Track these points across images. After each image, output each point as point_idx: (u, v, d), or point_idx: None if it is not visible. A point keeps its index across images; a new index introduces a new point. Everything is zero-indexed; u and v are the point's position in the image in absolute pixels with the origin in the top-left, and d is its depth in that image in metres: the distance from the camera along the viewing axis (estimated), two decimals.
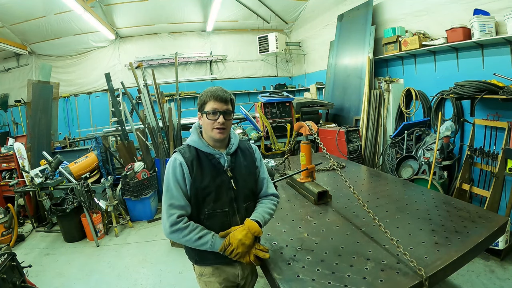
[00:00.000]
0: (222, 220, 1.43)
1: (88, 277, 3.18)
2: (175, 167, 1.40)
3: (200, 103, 1.45)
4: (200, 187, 1.40)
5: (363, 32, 5.25)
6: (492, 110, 3.36)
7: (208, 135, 1.46)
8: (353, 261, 1.41)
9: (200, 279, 1.56)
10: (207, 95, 1.43)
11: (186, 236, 1.33)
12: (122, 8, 6.86)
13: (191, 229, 1.34)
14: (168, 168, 1.42)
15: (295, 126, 2.52)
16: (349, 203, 2.10)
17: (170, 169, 1.40)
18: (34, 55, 7.63)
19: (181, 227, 1.33)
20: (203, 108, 1.44)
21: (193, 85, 8.41)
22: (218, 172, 1.45)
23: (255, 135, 4.99)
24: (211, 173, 1.43)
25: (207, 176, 1.42)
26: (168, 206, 1.36)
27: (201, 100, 1.45)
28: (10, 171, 5.01)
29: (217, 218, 1.43)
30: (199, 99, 1.47)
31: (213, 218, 1.42)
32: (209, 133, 1.44)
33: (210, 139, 1.46)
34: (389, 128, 4.88)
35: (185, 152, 1.44)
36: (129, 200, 4.50)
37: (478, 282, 2.56)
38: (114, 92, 6.43)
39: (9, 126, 7.62)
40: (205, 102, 1.43)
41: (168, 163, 1.44)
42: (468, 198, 3.44)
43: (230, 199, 1.46)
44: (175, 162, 1.41)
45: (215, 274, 1.50)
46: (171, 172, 1.40)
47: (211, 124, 1.42)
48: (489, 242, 1.64)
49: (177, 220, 1.34)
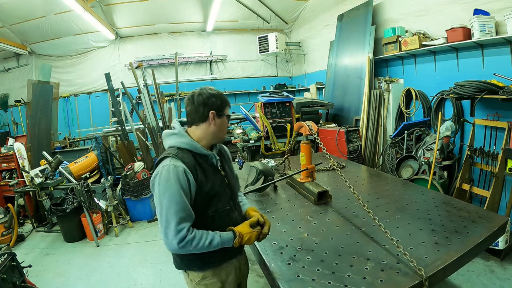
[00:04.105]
0: (225, 218, 1.44)
1: (88, 277, 3.18)
2: (177, 175, 1.28)
3: (219, 104, 1.41)
4: (206, 191, 1.37)
5: (363, 32, 5.25)
6: (492, 110, 3.35)
7: (215, 138, 1.45)
8: (353, 261, 1.41)
9: (200, 284, 1.49)
10: (224, 100, 1.44)
11: (198, 245, 1.28)
12: (122, 8, 6.86)
13: (199, 237, 1.29)
14: (168, 176, 1.27)
15: (295, 126, 2.52)
16: (349, 203, 2.10)
17: (172, 178, 1.27)
18: (34, 55, 7.62)
19: (190, 239, 1.27)
20: (224, 111, 1.43)
21: (193, 85, 8.40)
22: (215, 172, 1.45)
23: (255, 135, 4.98)
24: (212, 175, 1.42)
25: (210, 178, 1.40)
26: (178, 221, 1.25)
27: (219, 102, 1.42)
28: (10, 171, 5.01)
29: (221, 217, 1.43)
30: (215, 99, 1.41)
31: (218, 218, 1.42)
32: (221, 135, 1.46)
33: (209, 141, 1.44)
34: (389, 128, 4.88)
35: (183, 157, 1.34)
36: (129, 200, 4.50)
37: (478, 282, 2.56)
38: (114, 92, 6.43)
39: (9, 126, 7.62)
40: (224, 106, 1.43)
41: (163, 171, 1.29)
42: (468, 198, 3.44)
43: (229, 196, 1.49)
44: (177, 169, 1.28)
45: (216, 274, 1.48)
46: (174, 181, 1.27)
47: (226, 127, 1.46)
48: (489, 242, 1.65)
49: (186, 234, 1.26)
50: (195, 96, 1.41)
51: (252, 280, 2.91)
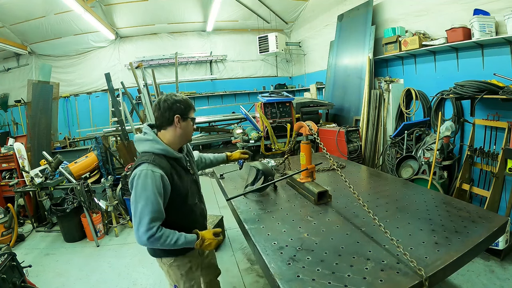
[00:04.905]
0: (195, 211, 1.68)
1: (88, 277, 3.18)
2: (154, 180, 1.42)
3: (182, 110, 1.53)
4: (180, 191, 1.55)
5: (363, 32, 5.25)
6: (492, 110, 3.35)
7: (182, 139, 1.60)
8: (353, 261, 1.40)
9: (172, 266, 1.68)
10: (189, 103, 1.57)
11: (164, 243, 1.44)
12: (122, 8, 6.87)
13: (166, 235, 1.45)
14: (145, 180, 1.41)
15: (295, 126, 2.52)
16: (349, 203, 2.09)
17: (149, 182, 1.41)
18: (34, 55, 7.63)
19: (158, 236, 1.42)
20: (188, 115, 1.56)
21: (193, 85, 8.42)
22: (186, 173, 1.64)
23: (255, 135, 4.99)
24: (185, 175, 1.61)
25: (183, 179, 1.59)
26: (150, 219, 1.41)
27: (183, 106, 1.53)
28: (10, 171, 5.01)
29: (192, 211, 1.66)
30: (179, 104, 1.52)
31: (190, 212, 1.65)
32: (187, 137, 1.62)
33: (179, 143, 1.59)
34: (389, 128, 4.88)
35: (160, 162, 1.48)
36: (129, 200, 4.48)
37: (478, 282, 2.56)
38: (114, 92, 6.43)
39: (9, 126, 7.62)
40: (188, 110, 1.55)
41: (141, 174, 1.43)
42: (468, 198, 3.44)
43: (196, 191, 1.74)
44: (154, 175, 1.42)
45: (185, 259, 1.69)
46: (150, 185, 1.41)
47: (191, 129, 1.60)
48: (489, 242, 1.64)
49: (156, 231, 1.42)
50: (161, 103, 1.53)
51: (252, 280, 2.91)
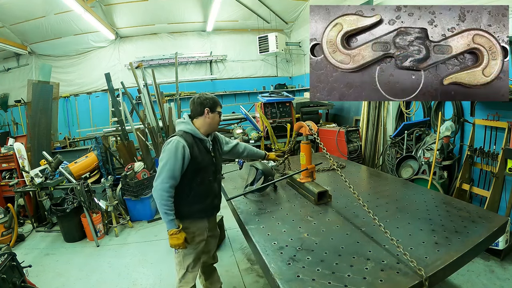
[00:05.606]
0: (208, 185, 2.04)
1: (88, 277, 3.18)
2: (178, 147, 1.85)
3: (211, 104, 2.00)
4: (196, 162, 1.93)
5: None
6: (492, 110, 3.35)
7: (210, 127, 2.03)
8: (353, 261, 1.41)
9: None
10: (216, 101, 2.03)
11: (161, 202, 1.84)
12: (122, 8, 6.86)
13: (167, 203, 1.86)
14: (172, 146, 1.86)
15: (295, 126, 2.52)
16: (349, 203, 2.10)
17: (173, 147, 1.85)
18: (34, 55, 7.62)
19: (165, 196, 1.84)
20: (215, 109, 2.02)
21: (193, 85, 8.41)
22: (207, 152, 2.03)
23: (255, 135, 4.99)
24: (204, 153, 2.00)
25: (201, 154, 1.97)
26: (168, 175, 1.84)
27: (211, 102, 2.00)
28: (10, 171, 5.01)
29: (205, 184, 2.02)
30: (208, 100, 1.99)
31: (202, 185, 2.01)
32: (214, 127, 2.06)
33: (206, 129, 2.02)
34: (389, 128, 4.88)
35: (186, 137, 1.93)
36: (129, 200, 4.50)
37: (478, 282, 2.56)
38: (114, 92, 6.43)
39: (9, 126, 7.61)
40: (216, 105, 2.02)
41: (170, 142, 1.88)
42: (468, 198, 3.44)
43: (213, 171, 2.07)
44: (179, 143, 1.87)
45: (191, 225, 2.03)
46: (173, 149, 1.85)
47: (218, 121, 2.06)
48: (489, 242, 1.65)
49: (169, 190, 1.85)
50: (195, 99, 2.03)
51: (252, 280, 2.91)
